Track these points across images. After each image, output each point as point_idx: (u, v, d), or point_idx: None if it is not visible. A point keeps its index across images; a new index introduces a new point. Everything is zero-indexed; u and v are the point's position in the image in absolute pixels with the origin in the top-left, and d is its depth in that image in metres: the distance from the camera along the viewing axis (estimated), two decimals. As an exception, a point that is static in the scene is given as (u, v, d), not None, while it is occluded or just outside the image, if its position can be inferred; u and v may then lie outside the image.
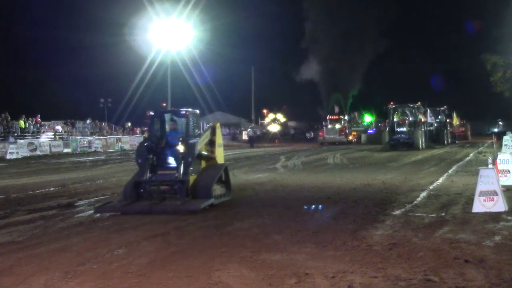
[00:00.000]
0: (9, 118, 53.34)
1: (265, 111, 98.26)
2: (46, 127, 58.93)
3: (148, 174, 16.27)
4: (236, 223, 13.92)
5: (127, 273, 9.66)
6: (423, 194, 18.64)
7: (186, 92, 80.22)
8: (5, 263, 10.51)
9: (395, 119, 49.53)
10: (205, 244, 11.69)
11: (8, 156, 47.21)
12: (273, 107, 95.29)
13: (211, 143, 18.21)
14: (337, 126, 70.61)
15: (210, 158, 18.06)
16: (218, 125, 18.75)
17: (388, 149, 46.12)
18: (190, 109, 17.55)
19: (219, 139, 18.56)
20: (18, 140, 50.65)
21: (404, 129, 48.60)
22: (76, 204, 18.30)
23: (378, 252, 10.61)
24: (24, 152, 49.36)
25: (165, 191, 15.97)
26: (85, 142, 58.73)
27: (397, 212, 15.15)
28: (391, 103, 51.45)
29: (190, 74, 72.39)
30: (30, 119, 56.47)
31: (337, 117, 73.13)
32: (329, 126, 70.62)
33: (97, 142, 60.21)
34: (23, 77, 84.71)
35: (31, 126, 55.73)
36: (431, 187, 20.33)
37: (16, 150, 48.71)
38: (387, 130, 49.47)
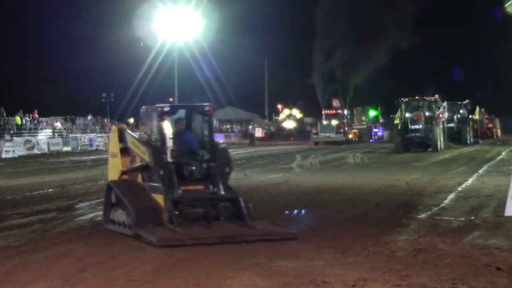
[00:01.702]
0: (5, 114, 53.59)
1: (279, 106, 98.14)
2: (44, 123, 59.14)
3: (179, 191, 13.05)
4: (248, 227, 13.90)
5: (131, 280, 9.68)
6: (451, 196, 18.60)
7: (194, 86, 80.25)
8: (0, 269, 10.54)
9: (407, 115, 45.41)
10: (214, 249, 11.68)
11: (4, 155, 47.42)
12: (289, 102, 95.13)
13: None
14: (334, 122, 65.30)
15: None
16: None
17: (400, 151, 42.38)
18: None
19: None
20: (14, 138, 50.86)
21: (419, 126, 44.22)
22: (76, 206, 18.36)
23: (402, 258, 10.59)
24: (21, 151, 49.56)
25: (207, 213, 13.04)
26: (86, 140, 58.93)
27: (423, 215, 15.12)
28: (416, 96, 47.92)
29: (198, 67, 72.37)
30: (27, 115, 56.68)
31: (334, 111, 68.23)
32: (324, 123, 65.61)
33: (99, 140, 60.35)
34: (19, 70, 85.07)
35: (28, 123, 55.96)
36: (459, 189, 20.28)
37: (12, 148, 48.92)
38: (398, 128, 45.32)
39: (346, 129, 66.05)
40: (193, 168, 13.53)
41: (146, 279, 9.70)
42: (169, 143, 13.52)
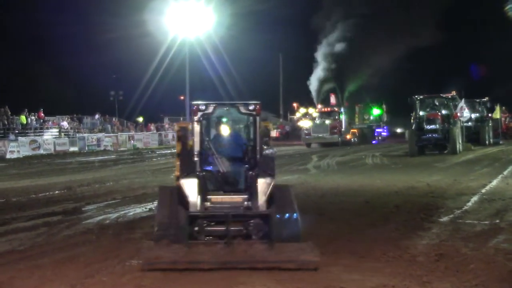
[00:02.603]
0: (9, 113, 53.79)
1: (295, 104, 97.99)
2: (50, 123, 59.35)
3: (206, 203, 12.18)
4: (262, 231, 13.89)
5: (140, 286, 9.71)
6: (474, 198, 18.54)
7: (206, 84, 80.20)
8: (4, 274, 10.59)
9: (421, 113, 42.96)
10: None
11: (8, 156, 47.62)
12: (305, 100, 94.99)
13: None
14: (328, 121, 60.18)
15: None
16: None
17: (415, 153, 40.55)
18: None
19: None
20: (19, 138, 51.06)
21: (436, 126, 42.02)
22: (83, 209, 18.41)
23: (423, 264, 10.56)
24: (26, 151, 49.75)
25: (234, 231, 11.60)
26: (93, 140, 59.08)
27: (445, 218, 15.08)
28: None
29: (210, 64, 72.27)
30: (33, 114, 56.88)
31: (329, 109, 63.35)
32: (318, 122, 60.54)
33: (107, 140, 60.52)
34: (24, 67, 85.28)
35: (34, 122, 56.15)
36: (483, 191, 20.20)
37: (17, 148, 49.11)
38: (413, 128, 42.89)
39: (343, 129, 61.06)
40: (229, 177, 12.64)
41: (155, 285, 9.72)
42: (198, 147, 12.49)
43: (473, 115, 52.26)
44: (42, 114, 58.23)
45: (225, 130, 13.07)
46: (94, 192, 22.83)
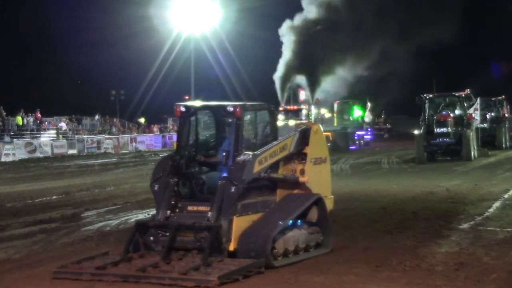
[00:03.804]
0: (4, 113, 53.92)
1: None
2: (48, 124, 59.49)
3: (167, 212, 12.31)
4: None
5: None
6: (496, 204, 18.52)
7: (213, 82, 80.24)
8: (-1, 284, 10.63)
9: (432, 115, 40.02)
10: None
11: (3, 159, 47.72)
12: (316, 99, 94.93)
13: (301, 157, 13.68)
14: (291, 122, 50.02)
15: (293, 184, 13.47)
16: (316, 127, 14.23)
17: (424, 160, 37.82)
18: (248, 104, 13.21)
19: (315, 151, 13.91)
20: (15, 140, 51.16)
21: (447, 129, 38.94)
22: (82, 215, 18.45)
23: (442, 273, 10.56)
24: (22, 154, 49.82)
25: (187, 242, 11.97)
26: (93, 142, 59.17)
27: (465, 225, 15.07)
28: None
29: (217, 61, 72.26)
30: (29, 114, 57.01)
31: (295, 107, 54.71)
32: (279, 124, 43.30)
33: (107, 142, 60.59)
34: (20, 64, 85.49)
35: (30, 123, 56.28)
36: (506, 196, 20.17)
37: (12, 151, 49.20)
38: (421, 131, 39.76)
39: None
40: (204, 184, 12.70)
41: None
42: (179, 150, 12.76)
43: (488, 115, 50.38)
44: (39, 115, 58.36)
45: (207, 133, 13.30)
46: (94, 197, 22.87)
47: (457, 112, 40.55)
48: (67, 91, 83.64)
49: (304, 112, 53.48)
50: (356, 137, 58.90)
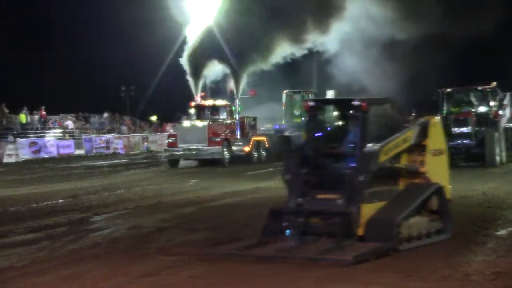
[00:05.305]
0: (7, 111, 54.15)
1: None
2: (53, 122, 59.71)
3: (299, 199, 13.90)
4: (293, 245, 13.92)
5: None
6: (537, 209, 18.43)
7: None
8: (1, 294, 10.67)
9: (450, 113, 36.32)
10: (253, 271, 11.72)
11: (6, 159, 47.98)
12: (345, 90, 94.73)
13: (420, 149, 15.09)
14: (203, 123, 41.46)
15: (414, 174, 14.94)
16: (434, 120, 15.56)
17: None
18: (373, 98, 15.07)
19: (435, 143, 15.32)
20: (18, 139, 51.42)
21: (467, 129, 35.07)
22: (90, 220, 18.50)
23: (477, 283, 10.51)
24: (26, 154, 50.08)
25: (318, 227, 13.57)
26: (101, 142, 59.36)
27: (503, 232, 15.00)
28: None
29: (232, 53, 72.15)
30: (34, 112, 57.22)
31: (213, 103, 44.39)
32: (187, 124, 42.09)
33: (117, 142, 60.78)
34: (24, 59, 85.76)
35: (35, 121, 56.50)
36: (547, 200, 20.09)
37: (15, 151, 49.46)
38: None
39: (237, 135, 43.00)
40: (330, 174, 14.07)
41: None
42: (308, 143, 14.36)
43: None
44: (44, 113, 58.62)
45: (332, 127, 15.21)
46: (103, 200, 22.93)
47: (480, 109, 36.90)
48: (74, 87, 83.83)
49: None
50: None
